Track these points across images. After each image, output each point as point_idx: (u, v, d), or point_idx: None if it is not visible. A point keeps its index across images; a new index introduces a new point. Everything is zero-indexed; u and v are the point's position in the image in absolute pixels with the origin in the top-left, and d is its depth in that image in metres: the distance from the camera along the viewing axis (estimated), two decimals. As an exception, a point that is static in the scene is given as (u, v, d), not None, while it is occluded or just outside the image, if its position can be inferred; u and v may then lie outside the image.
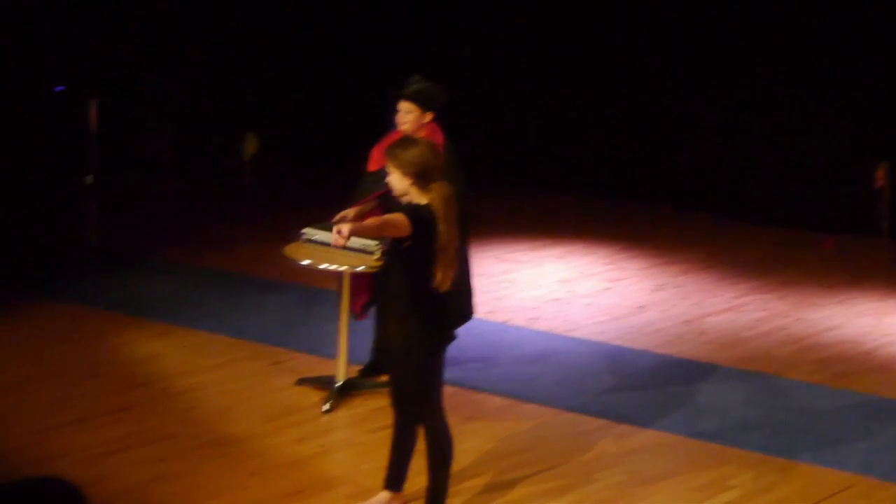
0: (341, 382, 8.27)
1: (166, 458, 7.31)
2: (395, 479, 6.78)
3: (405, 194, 6.42)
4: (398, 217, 6.31)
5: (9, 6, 14.04)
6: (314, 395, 8.28)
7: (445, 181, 7.95)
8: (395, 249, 6.47)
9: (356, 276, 8.32)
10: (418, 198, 6.38)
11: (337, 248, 7.94)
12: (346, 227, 6.28)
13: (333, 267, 8.02)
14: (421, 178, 6.35)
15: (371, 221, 6.47)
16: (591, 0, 14.21)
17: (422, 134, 8.08)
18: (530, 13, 14.55)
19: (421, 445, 6.64)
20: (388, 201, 8.25)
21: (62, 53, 14.34)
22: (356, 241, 7.99)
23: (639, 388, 8.65)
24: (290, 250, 8.13)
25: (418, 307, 6.38)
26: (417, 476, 6.73)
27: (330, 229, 7.00)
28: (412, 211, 6.34)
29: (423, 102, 8.13)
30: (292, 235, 8.33)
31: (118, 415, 7.88)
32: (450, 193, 6.38)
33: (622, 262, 11.71)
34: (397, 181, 6.41)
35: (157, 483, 7.02)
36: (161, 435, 7.62)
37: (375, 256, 7.98)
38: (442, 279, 6.31)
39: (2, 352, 8.92)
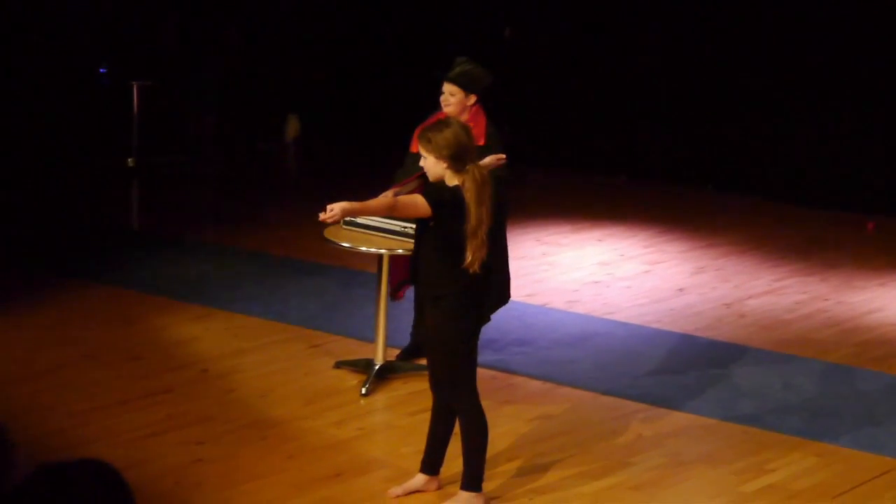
0: (380, 365, 8.28)
1: (205, 441, 7.35)
2: (431, 462, 6.79)
3: (441, 177, 6.42)
4: (415, 198, 6.32)
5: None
6: (353, 378, 8.30)
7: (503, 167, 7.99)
8: (421, 230, 6.47)
9: (395, 259, 8.33)
10: (452, 180, 6.38)
11: (377, 231, 7.99)
12: (337, 206, 6.29)
13: (373, 250, 8.03)
14: (455, 160, 6.34)
15: (380, 202, 6.48)
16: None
17: (465, 117, 8.09)
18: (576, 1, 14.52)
19: (457, 428, 6.65)
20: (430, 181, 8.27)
21: (105, 36, 14.40)
22: (395, 224, 8.02)
23: (678, 372, 8.63)
24: (331, 233, 8.14)
25: (448, 288, 6.38)
26: (454, 460, 6.74)
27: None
28: (432, 192, 6.34)
29: (466, 85, 8.14)
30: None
31: (158, 397, 7.92)
32: (484, 175, 6.35)
33: (662, 245, 11.68)
34: (432, 165, 6.41)
35: (196, 466, 7.05)
36: (200, 417, 7.66)
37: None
38: (472, 260, 6.29)
39: (42, 334, 8.98)
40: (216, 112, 14.53)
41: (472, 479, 6.62)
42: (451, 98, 8.15)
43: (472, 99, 8.18)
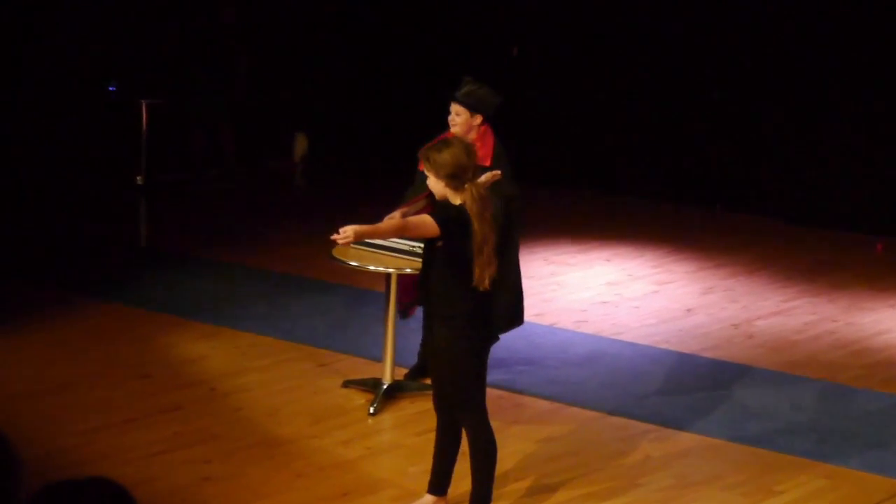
0: (388, 384, 8.28)
1: (213, 460, 7.34)
2: (438, 483, 6.78)
3: (443, 196, 6.43)
4: (424, 218, 6.36)
5: (62, 8, 14.14)
6: (360, 398, 8.29)
7: (500, 183, 8.00)
8: (430, 250, 6.47)
9: (403, 277, 8.34)
10: (453, 198, 6.39)
11: (385, 250, 8.00)
12: (350, 229, 6.30)
13: (381, 269, 8.03)
14: (454, 178, 6.35)
15: (391, 223, 6.52)
16: (650, 4, 14.17)
17: (472, 136, 8.12)
18: (594, 13, 14.51)
19: (465, 448, 6.64)
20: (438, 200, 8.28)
21: (114, 54, 14.43)
22: (403, 243, 8.03)
23: (686, 392, 8.61)
24: (339, 251, 8.14)
25: (458, 307, 6.39)
26: (462, 480, 6.73)
27: None
28: (440, 211, 6.36)
29: (471, 106, 8.18)
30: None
31: (165, 415, 7.92)
32: (482, 192, 6.38)
33: (670, 265, 11.67)
34: (433, 183, 6.44)
35: (204, 484, 7.04)
36: (208, 436, 7.65)
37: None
38: (479, 278, 6.29)
39: (50, 351, 8.98)
40: (224, 130, 14.51)
41: (482, 500, 6.60)
42: (458, 118, 8.20)
43: (478, 119, 8.20)
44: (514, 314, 8.44)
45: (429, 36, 15.36)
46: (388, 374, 8.29)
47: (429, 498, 6.80)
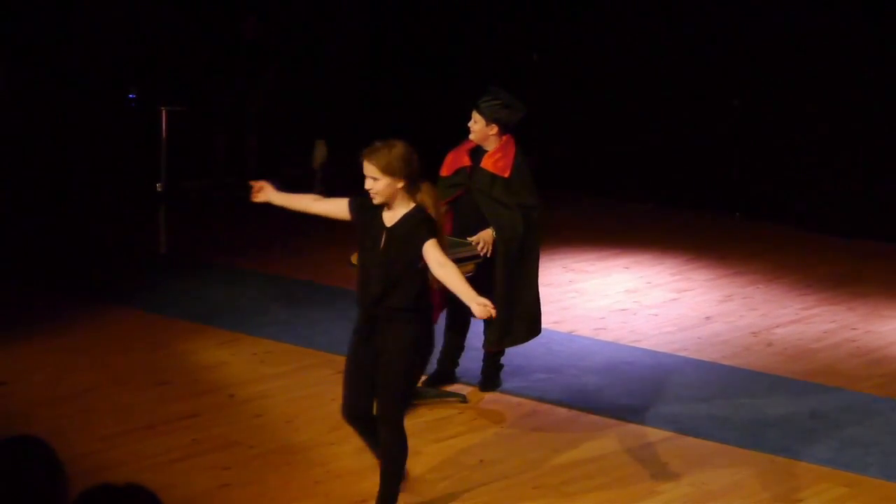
0: (406, 391, 8.27)
1: (232, 466, 7.35)
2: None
3: (391, 197, 6.42)
4: (454, 271, 6.34)
5: (83, 16, 14.19)
6: (379, 404, 8.29)
7: (520, 194, 8.04)
8: (412, 267, 6.41)
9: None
10: (404, 200, 6.41)
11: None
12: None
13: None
14: (412, 178, 6.40)
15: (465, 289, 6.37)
16: (666, 9, 14.16)
17: (490, 145, 8.20)
18: (615, 19, 14.51)
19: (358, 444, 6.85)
20: (463, 205, 8.30)
21: (134, 62, 14.46)
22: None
23: (705, 400, 8.60)
24: (358, 258, 8.14)
25: (423, 304, 6.48)
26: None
27: None
28: (430, 233, 6.35)
29: (486, 115, 8.21)
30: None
31: (184, 422, 7.93)
32: (434, 190, 6.49)
33: (689, 273, 11.66)
34: (385, 186, 6.40)
35: (222, 490, 7.06)
36: (227, 442, 7.67)
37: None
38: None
39: (69, 358, 9.01)
40: (243, 137, 14.50)
41: (389, 501, 6.63)
42: (475, 125, 8.28)
43: (494, 129, 8.26)
44: (532, 324, 8.44)
45: (450, 43, 15.36)
46: (406, 381, 8.27)
47: None
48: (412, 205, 6.42)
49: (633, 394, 8.67)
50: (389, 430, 6.56)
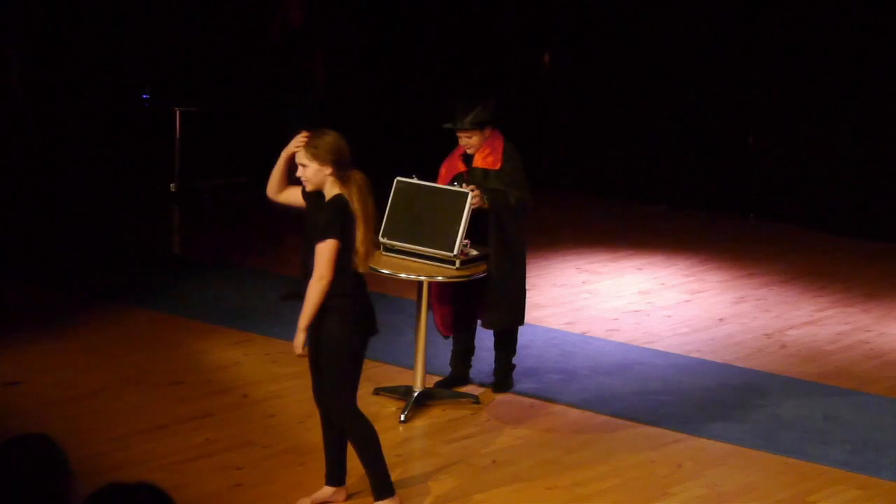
0: (419, 392, 8.28)
1: (245, 466, 7.36)
2: (333, 473, 6.97)
3: (321, 185, 6.54)
4: (321, 249, 6.46)
5: (95, 17, 14.20)
6: (392, 405, 8.30)
7: (512, 184, 8.12)
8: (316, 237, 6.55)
9: (442, 293, 8.42)
10: (333, 187, 6.53)
11: (416, 257, 8.03)
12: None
13: (412, 277, 8.05)
14: (341, 166, 6.51)
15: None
16: (679, 11, 14.15)
17: (485, 147, 8.26)
18: (626, 21, 14.50)
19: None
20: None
21: (148, 62, 14.48)
22: (435, 251, 8.04)
23: (718, 402, 8.59)
24: (371, 259, 8.15)
25: (346, 293, 6.55)
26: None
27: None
28: (333, 217, 6.48)
29: (478, 126, 8.33)
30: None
31: (197, 422, 7.94)
32: (366, 180, 6.61)
33: (702, 274, 11.64)
34: (314, 173, 6.54)
35: (235, 490, 7.06)
36: (240, 442, 7.67)
37: (455, 266, 8.03)
38: (364, 261, 6.56)
39: (83, 358, 9.02)
40: (256, 138, 14.42)
41: (381, 487, 6.75)
42: (471, 140, 8.39)
43: (487, 132, 8.39)
44: (513, 312, 8.42)
45: (459, 43, 15.35)
46: (419, 382, 8.29)
47: (327, 489, 6.94)
48: (335, 192, 6.53)
49: (646, 395, 8.66)
50: (344, 420, 6.73)
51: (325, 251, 6.46)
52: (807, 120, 13.50)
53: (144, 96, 14.55)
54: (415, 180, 8.29)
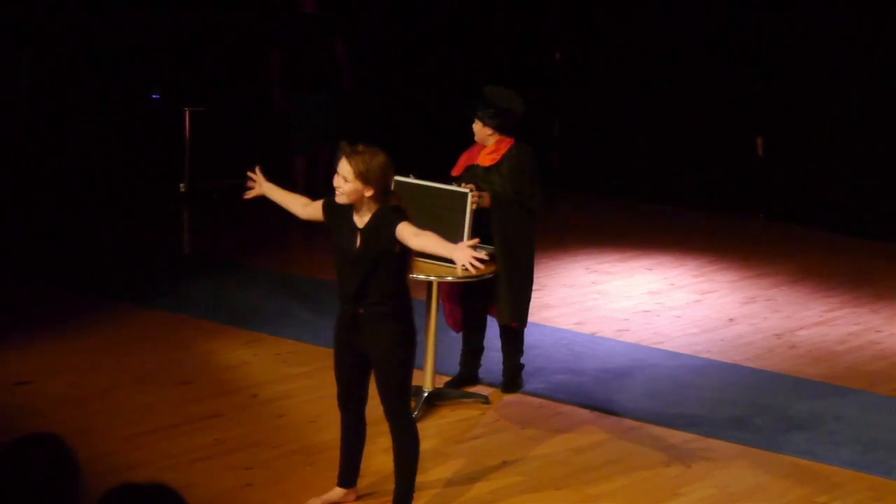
0: (429, 392, 8.29)
1: (255, 466, 7.37)
2: (348, 477, 6.98)
3: (357, 202, 6.53)
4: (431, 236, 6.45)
5: (105, 17, 14.23)
6: (401, 405, 8.29)
7: (514, 181, 8.18)
8: (388, 258, 6.51)
9: (452, 291, 8.44)
10: (371, 206, 6.51)
11: (425, 258, 8.03)
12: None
13: (422, 277, 8.04)
14: (385, 191, 6.52)
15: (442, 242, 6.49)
16: (690, 12, 14.14)
17: (490, 142, 8.27)
18: (638, 19, 14.50)
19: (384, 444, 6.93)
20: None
21: (157, 63, 14.50)
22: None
23: (728, 402, 8.58)
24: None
25: (407, 303, 6.63)
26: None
27: None
28: (401, 217, 6.47)
29: (482, 121, 8.38)
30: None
31: (207, 422, 7.95)
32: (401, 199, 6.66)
33: (712, 275, 11.63)
34: (353, 190, 6.48)
35: (244, 490, 7.07)
36: (250, 442, 7.68)
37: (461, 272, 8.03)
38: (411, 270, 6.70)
39: (93, 357, 9.03)
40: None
41: (406, 499, 6.73)
42: (475, 127, 8.45)
43: (489, 130, 8.46)
44: (517, 310, 8.42)
45: (471, 41, 15.35)
46: (428, 382, 8.30)
47: (339, 490, 6.95)
48: (381, 205, 6.53)
49: (655, 395, 8.66)
50: (400, 429, 6.69)
51: (409, 223, 6.41)
52: (816, 120, 13.49)
53: (154, 96, 14.56)
54: (412, 179, 8.29)
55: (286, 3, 13.33)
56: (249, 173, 7.22)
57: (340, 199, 6.54)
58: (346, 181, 6.48)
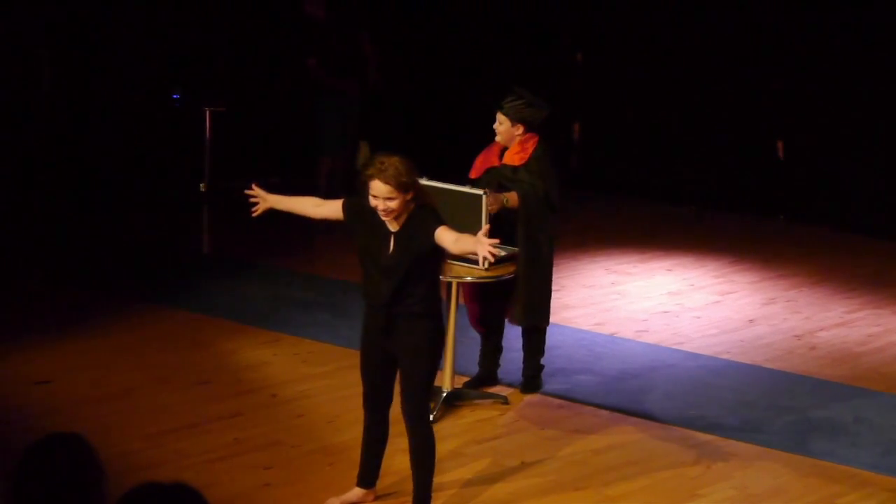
0: (447, 392, 8.29)
1: (274, 465, 7.38)
2: (368, 477, 7.01)
3: (404, 212, 6.51)
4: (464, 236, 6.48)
5: (126, 17, 14.25)
6: (420, 405, 8.29)
7: (536, 177, 8.19)
8: (424, 263, 6.54)
9: (473, 291, 8.43)
10: (407, 209, 6.51)
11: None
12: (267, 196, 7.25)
13: (441, 277, 8.02)
14: (416, 189, 6.54)
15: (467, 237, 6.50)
16: (713, 15, 14.11)
17: (514, 144, 8.26)
18: (661, 20, 14.47)
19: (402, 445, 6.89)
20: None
21: (178, 62, 14.51)
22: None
23: (747, 403, 8.56)
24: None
25: (439, 304, 6.70)
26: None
27: None
28: (439, 220, 6.52)
29: (511, 115, 8.38)
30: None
31: (226, 421, 7.96)
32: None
33: (732, 275, 11.61)
34: (400, 203, 6.48)
35: (263, 490, 7.08)
36: (269, 442, 7.69)
37: (484, 266, 8.01)
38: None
39: (113, 357, 9.05)
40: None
41: (425, 499, 6.76)
42: (500, 127, 8.43)
43: (520, 129, 8.41)
44: (537, 312, 8.42)
45: (493, 42, 15.34)
46: (447, 382, 8.29)
47: (358, 491, 6.97)
48: (415, 207, 6.53)
49: (675, 396, 8.65)
50: (420, 426, 6.72)
51: (447, 228, 6.44)
52: (837, 121, 13.44)
53: (175, 96, 14.57)
54: (427, 181, 8.26)
55: (296, 9, 13.39)
56: (248, 192, 7.22)
57: (391, 217, 6.53)
58: (392, 199, 6.47)
